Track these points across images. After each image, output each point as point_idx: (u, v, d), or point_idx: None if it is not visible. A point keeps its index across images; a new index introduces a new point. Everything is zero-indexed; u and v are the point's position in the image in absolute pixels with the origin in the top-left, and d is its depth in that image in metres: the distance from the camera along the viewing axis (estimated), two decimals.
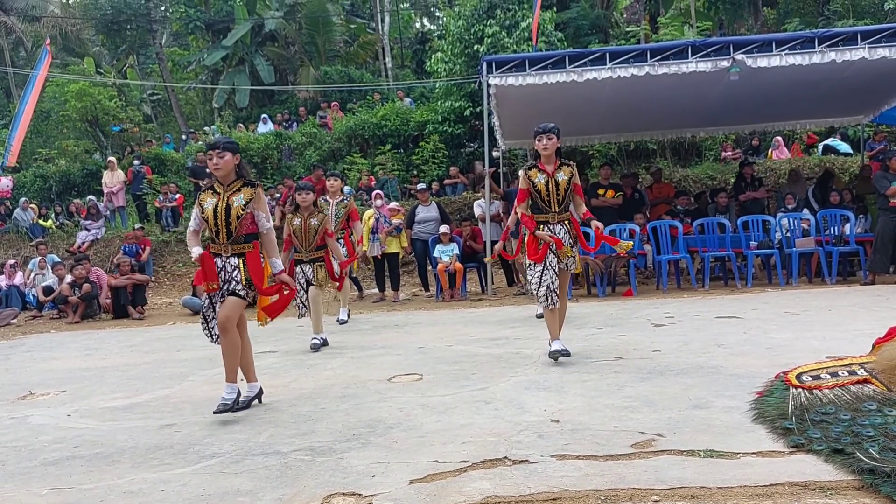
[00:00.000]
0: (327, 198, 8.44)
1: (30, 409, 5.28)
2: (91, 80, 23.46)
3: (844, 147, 16.24)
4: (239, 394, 4.67)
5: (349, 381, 5.47)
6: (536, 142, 5.67)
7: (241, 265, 4.57)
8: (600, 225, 5.61)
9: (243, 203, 4.56)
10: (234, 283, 4.56)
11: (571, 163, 5.76)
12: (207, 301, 4.69)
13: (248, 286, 4.57)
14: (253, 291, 4.60)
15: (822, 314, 7.26)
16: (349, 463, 3.52)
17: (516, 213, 5.76)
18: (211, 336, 4.69)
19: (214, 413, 4.47)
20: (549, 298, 5.54)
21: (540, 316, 7.77)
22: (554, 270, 5.55)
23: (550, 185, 5.61)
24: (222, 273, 4.59)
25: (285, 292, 4.74)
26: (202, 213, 4.62)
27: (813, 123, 14.87)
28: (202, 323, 4.73)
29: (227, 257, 4.59)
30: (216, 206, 4.58)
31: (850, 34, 9.54)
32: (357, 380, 5.51)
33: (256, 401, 4.83)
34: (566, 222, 5.65)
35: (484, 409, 4.35)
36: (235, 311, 4.57)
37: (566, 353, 5.50)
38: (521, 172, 5.81)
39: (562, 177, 5.65)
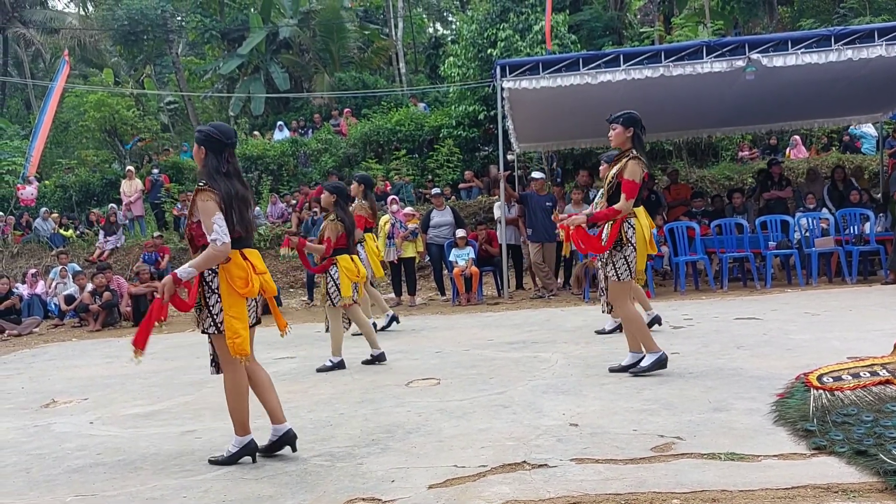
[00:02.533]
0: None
1: (53, 417, 5.34)
2: (109, 90, 23.71)
3: (870, 140, 16.04)
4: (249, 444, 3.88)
5: (367, 386, 5.49)
6: None
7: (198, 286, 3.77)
8: (577, 220, 5.19)
9: (188, 210, 3.84)
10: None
11: (632, 155, 5.02)
12: None
13: (199, 312, 3.77)
14: (209, 320, 3.73)
15: (843, 314, 7.20)
16: (368, 468, 3.54)
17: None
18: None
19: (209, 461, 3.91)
20: (602, 302, 5.31)
21: (599, 332, 7.11)
22: (605, 276, 5.26)
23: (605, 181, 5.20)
24: None
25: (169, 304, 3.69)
26: None
27: (830, 122, 14.73)
28: None
29: None
30: None
31: (867, 31, 9.45)
32: (375, 385, 5.53)
33: (249, 458, 3.86)
34: (610, 224, 5.13)
35: (502, 414, 4.35)
36: (218, 349, 3.82)
37: (635, 371, 5.13)
38: None
39: (613, 171, 5.13)
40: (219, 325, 3.70)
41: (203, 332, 3.79)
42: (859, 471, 3.01)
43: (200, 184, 3.68)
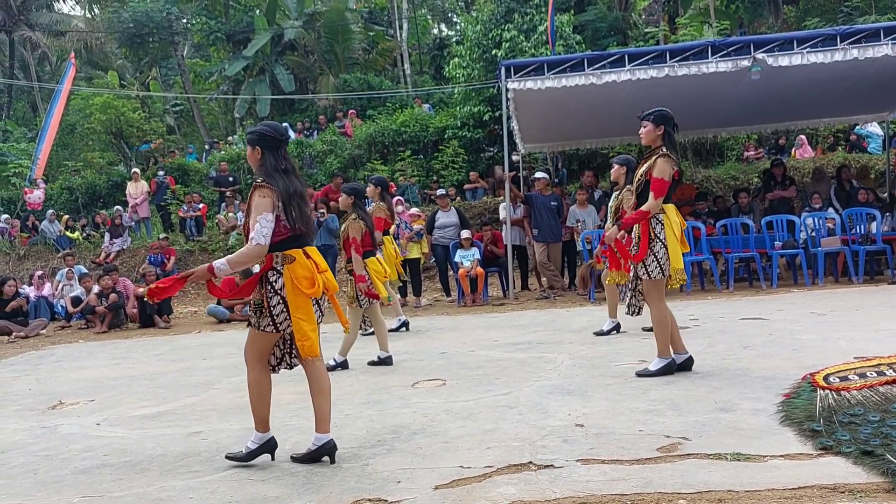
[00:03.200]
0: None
1: (60, 419, 5.36)
2: (115, 92, 23.80)
3: (876, 139, 15.99)
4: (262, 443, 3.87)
5: (373, 387, 5.49)
6: None
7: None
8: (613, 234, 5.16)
9: (245, 208, 3.76)
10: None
11: (662, 153, 4.89)
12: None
13: (257, 310, 3.72)
14: (268, 320, 3.68)
15: (850, 314, 7.18)
16: (374, 469, 3.54)
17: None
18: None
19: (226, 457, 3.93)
20: (626, 304, 5.26)
21: (598, 333, 7.18)
22: (636, 275, 5.15)
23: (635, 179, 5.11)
24: None
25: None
26: None
27: (836, 121, 14.71)
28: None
29: None
30: None
31: (873, 31, 9.43)
32: (380, 386, 5.54)
33: (269, 456, 3.87)
34: (639, 225, 5.03)
35: (508, 414, 4.35)
36: (247, 342, 3.84)
37: (641, 372, 5.06)
38: None
39: (643, 169, 4.99)
40: (278, 325, 3.67)
41: (259, 329, 3.72)
42: (866, 471, 3.00)
43: (258, 181, 3.63)
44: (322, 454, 3.74)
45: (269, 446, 3.84)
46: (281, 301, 3.64)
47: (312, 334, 3.65)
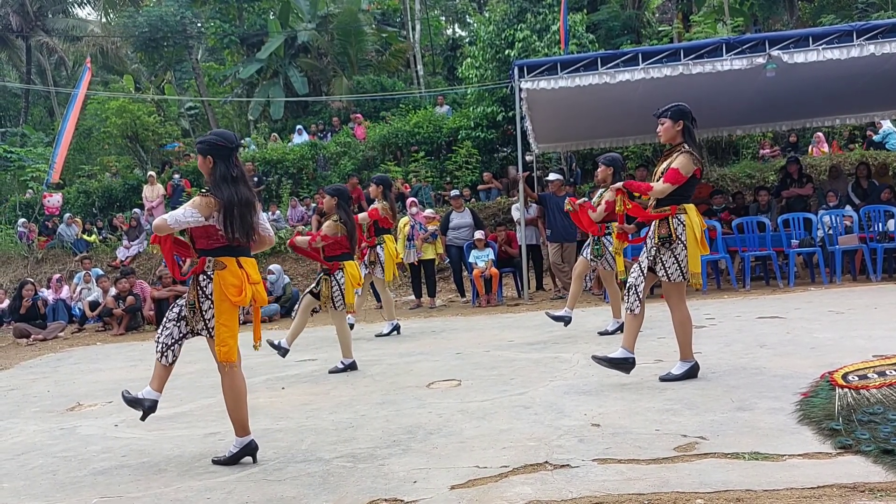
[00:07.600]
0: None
1: (78, 420, 5.41)
2: (130, 96, 23.98)
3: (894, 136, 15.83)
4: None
5: (388, 388, 5.50)
6: None
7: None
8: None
9: None
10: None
11: (684, 149, 4.77)
12: None
13: (191, 310, 3.93)
14: (201, 324, 3.90)
15: (868, 312, 7.11)
16: (390, 469, 3.55)
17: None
18: None
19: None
20: (628, 298, 4.94)
21: (602, 333, 7.18)
22: (641, 270, 4.91)
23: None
24: None
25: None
26: None
27: (854, 118, 14.56)
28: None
29: None
30: None
31: (889, 26, 9.34)
32: (396, 386, 5.54)
33: (250, 458, 3.93)
34: (659, 220, 4.88)
35: (523, 414, 4.34)
36: (212, 349, 4.00)
37: (665, 377, 4.89)
38: None
39: (663, 167, 4.86)
40: (210, 329, 3.87)
41: (194, 334, 3.96)
42: (886, 469, 2.98)
43: (203, 190, 3.84)
44: (244, 454, 3.88)
45: (250, 449, 3.92)
46: (211, 306, 3.82)
47: (231, 341, 3.83)
